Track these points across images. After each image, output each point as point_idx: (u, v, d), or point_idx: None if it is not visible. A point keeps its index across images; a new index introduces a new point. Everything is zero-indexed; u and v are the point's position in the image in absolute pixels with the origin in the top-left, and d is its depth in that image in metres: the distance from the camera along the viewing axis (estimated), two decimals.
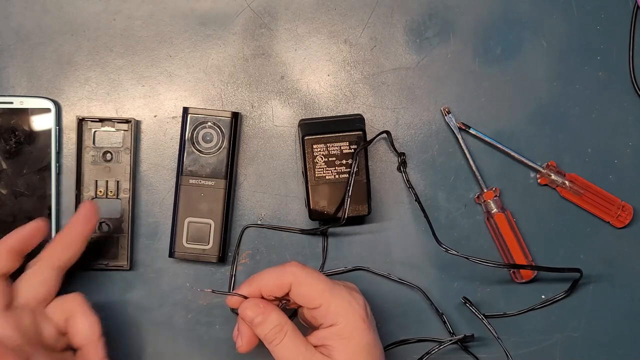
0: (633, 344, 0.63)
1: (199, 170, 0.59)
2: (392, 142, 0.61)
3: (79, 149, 0.60)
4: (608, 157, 0.63)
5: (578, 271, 0.61)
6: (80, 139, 0.60)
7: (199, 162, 0.59)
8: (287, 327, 0.51)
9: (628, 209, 0.62)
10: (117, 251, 0.60)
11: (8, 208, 0.60)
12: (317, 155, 0.57)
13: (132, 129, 0.60)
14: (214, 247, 0.59)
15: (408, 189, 0.61)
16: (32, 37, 0.61)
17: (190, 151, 0.58)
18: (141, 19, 0.61)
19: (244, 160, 0.62)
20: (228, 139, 0.59)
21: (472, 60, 0.62)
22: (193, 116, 0.58)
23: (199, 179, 0.59)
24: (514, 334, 0.63)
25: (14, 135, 0.59)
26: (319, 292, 0.51)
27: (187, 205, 0.59)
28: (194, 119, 0.58)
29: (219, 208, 0.59)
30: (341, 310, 0.51)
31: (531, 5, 0.62)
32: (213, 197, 0.59)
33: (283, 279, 0.51)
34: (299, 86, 0.62)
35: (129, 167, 0.60)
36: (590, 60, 0.63)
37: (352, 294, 0.52)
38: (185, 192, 0.59)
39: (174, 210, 0.59)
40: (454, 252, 0.58)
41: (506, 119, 0.62)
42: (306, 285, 0.51)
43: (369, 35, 0.62)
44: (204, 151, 0.58)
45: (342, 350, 0.51)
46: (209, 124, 0.58)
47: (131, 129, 0.60)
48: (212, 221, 0.59)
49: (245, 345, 0.53)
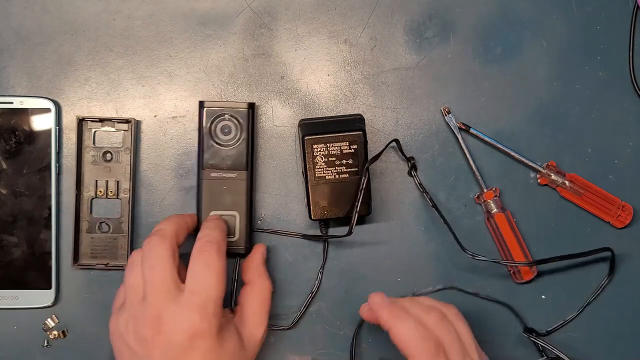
0: (633, 344, 0.63)
1: (220, 163, 0.58)
2: (401, 149, 0.61)
3: (79, 149, 0.60)
4: (608, 157, 0.63)
5: (608, 250, 0.61)
6: (80, 139, 0.60)
7: (219, 155, 0.58)
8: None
9: (628, 209, 0.62)
10: (117, 251, 0.60)
11: (8, 208, 0.60)
12: (317, 155, 0.57)
13: (132, 128, 0.60)
14: (241, 239, 0.59)
15: (421, 193, 0.61)
16: (32, 37, 0.61)
17: (210, 145, 0.58)
18: (141, 18, 0.61)
19: None
20: (246, 130, 0.58)
21: (472, 60, 0.62)
22: (209, 109, 0.58)
23: (220, 171, 0.58)
24: (514, 334, 0.63)
25: (14, 135, 0.59)
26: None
27: (210, 199, 0.58)
28: (210, 112, 0.58)
29: (242, 200, 0.58)
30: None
31: (531, 5, 0.62)
32: (236, 189, 0.58)
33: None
34: (299, 86, 0.62)
35: (129, 167, 0.60)
36: (590, 60, 0.63)
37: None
38: (208, 185, 0.58)
39: (198, 205, 0.58)
40: (483, 258, 0.58)
41: (506, 119, 0.62)
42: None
43: (369, 35, 0.62)
44: (223, 144, 0.58)
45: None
46: (227, 116, 0.58)
47: (131, 129, 0.60)
48: (237, 213, 0.58)
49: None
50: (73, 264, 0.60)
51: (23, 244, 0.60)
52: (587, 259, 0.62)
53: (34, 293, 0.60)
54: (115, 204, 0.60)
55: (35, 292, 0.60)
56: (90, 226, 0.60)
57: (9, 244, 0.60)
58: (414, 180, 0.61)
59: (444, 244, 0.62)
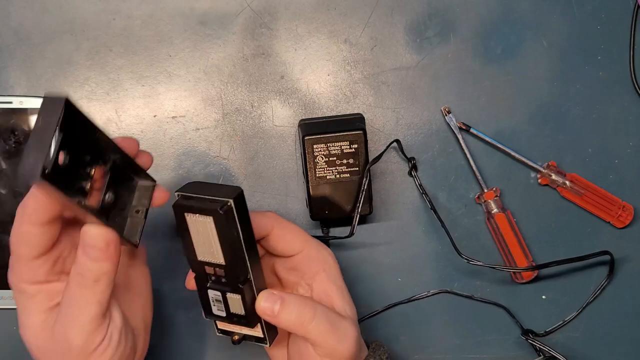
0: (633, 344, 0.63)
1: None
2: (402, 149, 0.61)
3: None
4: (609, 157, 0.63)
5: (607, 253, 0.61)
6: None
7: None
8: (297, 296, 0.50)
9: (629, 209, 0.62)
10: None
11: (7, 208, 0.59)
12: (318, 155, 0.57)
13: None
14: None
15: (421, 194, 0.61)
16: (32, 37, 0.60)
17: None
18: (141, 18, 0.61)
19: (244, 160, 0.62)
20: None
21: (473, 60, 0.62)
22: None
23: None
24: (514, 335, 0.63)
25: (14, 135, 0.59)
26: (301, 236, 0.52)
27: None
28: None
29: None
30: (321, 256, 0.52)
31: (531, 5, 0.62)
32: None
33: (265, 220, 0.50)
34: (299, 86, 0.62)
35: None
36: (590, 60, 0.62)
37: (321, 243, 0.53)
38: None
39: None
40: (478, 263, 0.58)
41: (506, 119, 0.62)
42: (288, 229, 0.51)
43: (369, 35, 0.62)
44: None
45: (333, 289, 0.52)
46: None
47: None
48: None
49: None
50: None
51: None
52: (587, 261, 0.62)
53: None
54: None
55: None
56: None
57: (9, 244, 0.59)
58: (414, 180, 0.61)
59: (444, 244, 0.62)
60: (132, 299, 0.51)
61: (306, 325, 0.48)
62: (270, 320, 0.49)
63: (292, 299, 0.48)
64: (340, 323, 0.49)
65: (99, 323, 0.45)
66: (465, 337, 0.63)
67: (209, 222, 0.45)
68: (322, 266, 0.52)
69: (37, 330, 0.46)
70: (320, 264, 0.52)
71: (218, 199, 0.45)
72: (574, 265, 0.62)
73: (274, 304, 0.48)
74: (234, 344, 0.51)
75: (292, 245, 0.52)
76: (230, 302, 0.49)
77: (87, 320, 0.44)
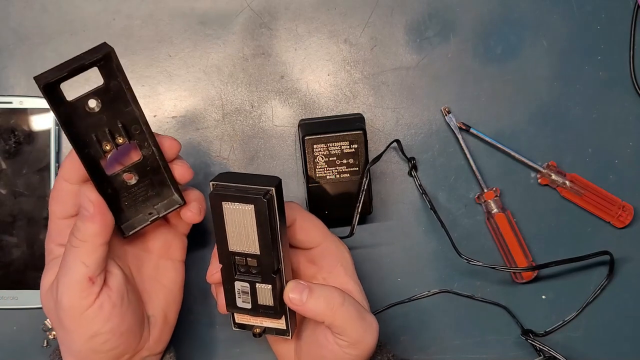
0: (633, 344, 0.63)
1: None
2: (402, 149, 0.61)
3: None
4: (609, 157, 0.63)
5: (607, 254, 0.61)
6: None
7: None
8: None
9: (629, 209, 0.62)
10: None
11: (8, 208, 0.59)
12: (318, 155, 0.57)
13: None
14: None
15: (421, 194, 0.61)
16: (32, 37, 0.60)
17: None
18: (141, 18, 0.61)
19: (244, 161, 0.62)
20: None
21: (473, 60, 0.62)
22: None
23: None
24: (514, 335, 0.63)
25: (14, 135, 0.59)
26: (321, 230, 0.52)
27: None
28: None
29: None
30: (339, 251, 0.52)
31: (531, 5, 0.62)
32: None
33: (289, 211, 0.50)
34: (299, 86, 0.62)
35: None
36: (590, 60, 0.62)
37: (339, 239, 0.54)
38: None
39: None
40: (478, 263, 0.58)
41: (506, 119, 0.62)
42: (310, 221, 0.52)
43: (369, 35, 0.62)
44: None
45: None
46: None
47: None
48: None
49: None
50: None
51: (23, 244, 0.60)
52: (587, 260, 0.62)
53: (33, 293, 0.60)
54: None
55: (35, 292, 0.60)
56: None
57: (9, 244, 0.60)
58: (414, 181, 0.61)
59: (444, 244, 0.62)
60: (156, 288, 0.53)
61: (335, 311, 0.48)
62: (298, 309, 0.49)
63: (320, 287, 0.49)
64: (366, 314, 0.50)
65: (86, 286, 0.46)
66: (465, 337, 0.63)
67: (249, 211, 0.45)
68: (339, 261, 0.52)
69: (45, 289, 0.49)
70: (338, 259, 0.52)
71: (259, 187, 0.45)
72: (574, 265, 0.62)
73: (301, 292, 0.48)
74: (255, 336, 0.51)
75: (312, 237, 0.52)
76: (260, 293, 0.49)
77: (72, 279, 0.46)
